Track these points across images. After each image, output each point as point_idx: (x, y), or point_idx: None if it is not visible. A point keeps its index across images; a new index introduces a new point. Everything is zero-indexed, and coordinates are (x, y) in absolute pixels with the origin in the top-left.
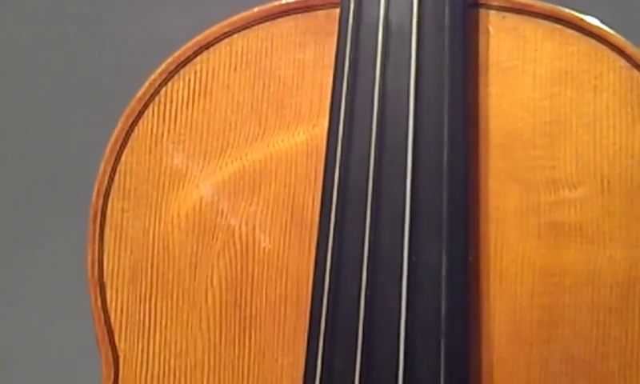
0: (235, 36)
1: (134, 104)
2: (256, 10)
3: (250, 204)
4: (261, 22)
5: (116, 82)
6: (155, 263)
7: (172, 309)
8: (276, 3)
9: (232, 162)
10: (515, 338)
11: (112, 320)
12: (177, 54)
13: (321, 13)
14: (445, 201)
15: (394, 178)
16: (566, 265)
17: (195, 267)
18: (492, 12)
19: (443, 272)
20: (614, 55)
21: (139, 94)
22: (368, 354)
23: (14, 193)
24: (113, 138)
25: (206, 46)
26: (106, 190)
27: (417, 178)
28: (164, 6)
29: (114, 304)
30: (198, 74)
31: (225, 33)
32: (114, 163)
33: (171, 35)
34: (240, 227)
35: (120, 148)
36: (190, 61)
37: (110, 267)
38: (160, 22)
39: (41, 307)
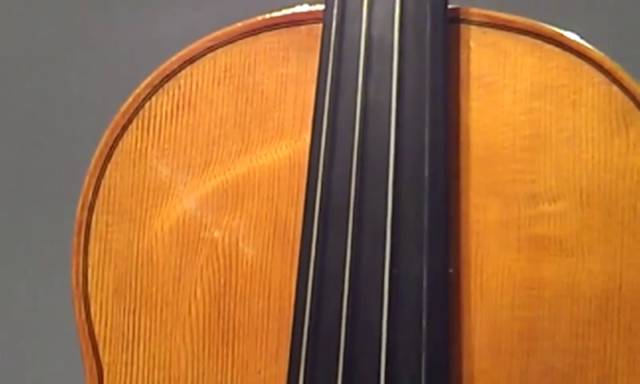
0: (219, 51)
1: (118, 118)
2: (239, 24)
3: (234, 218)
4: (244, 37)
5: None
6: (139, 276)
7: (156, 321)
8: (259, 18)
9: (215, 176)
10: (495, 349)
11: (96, 332)
12: (161, 68)
13: (303, 28)
14: (426, 214)
15: (375, 191)
16: (546, 278)
17: (179, 280)
18: (473, 27)
19: (424, 284)
20: (592, 70)
21: (123, 107)
22: (350, 367)
23: (8, 196)
24: (97, 152)
25: (190, 61)
26: (91, 203)
27: (398, 191)
28: (157, 13)
29: (98, 317)
30: (182, 89)
31: (209, 47)
32: (98, 177)
33: (164, 42)
34: (223, 241)
35: (104, 162)
36: (174, 75)
37: (95, 280)
38: (153, 29)
39: (40, 310)
